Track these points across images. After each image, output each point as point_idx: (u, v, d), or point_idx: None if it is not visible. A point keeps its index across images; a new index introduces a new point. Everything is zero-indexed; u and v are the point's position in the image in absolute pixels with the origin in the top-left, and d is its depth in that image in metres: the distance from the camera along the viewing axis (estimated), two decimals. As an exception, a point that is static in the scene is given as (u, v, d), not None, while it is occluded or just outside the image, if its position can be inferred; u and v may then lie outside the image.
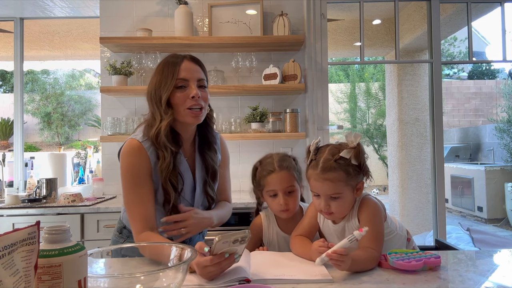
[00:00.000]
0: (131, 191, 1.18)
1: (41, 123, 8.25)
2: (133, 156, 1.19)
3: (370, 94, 9.17)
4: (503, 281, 0.93)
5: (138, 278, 0.72)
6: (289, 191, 1.27)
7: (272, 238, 1.33)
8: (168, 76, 1.19)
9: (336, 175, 1.07)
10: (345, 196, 1.09)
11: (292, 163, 1.31)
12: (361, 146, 1.10)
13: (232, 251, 0.93)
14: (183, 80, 1.19)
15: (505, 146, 6.63)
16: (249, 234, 0.92)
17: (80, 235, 2.23)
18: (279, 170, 1.27)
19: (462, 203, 6.72)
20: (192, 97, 1.19)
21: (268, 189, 1.28)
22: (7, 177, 3.11)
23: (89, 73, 9.46)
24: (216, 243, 0.88)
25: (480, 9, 3.33)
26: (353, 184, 1.09)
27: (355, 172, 1.09)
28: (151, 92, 1.23)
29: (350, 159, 1.07)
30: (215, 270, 0.92)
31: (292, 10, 2.80)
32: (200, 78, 1.23)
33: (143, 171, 1.18)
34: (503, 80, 9.14)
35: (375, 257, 1.04)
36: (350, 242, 0.95)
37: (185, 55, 1.25)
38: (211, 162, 1.32)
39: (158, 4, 2.81)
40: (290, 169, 1.29)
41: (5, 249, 0.54)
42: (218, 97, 2.78)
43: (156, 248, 1.03)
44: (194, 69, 1.23)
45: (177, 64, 1.21)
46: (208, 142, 1.33)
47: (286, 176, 1.27)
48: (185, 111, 1.20)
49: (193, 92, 1.19)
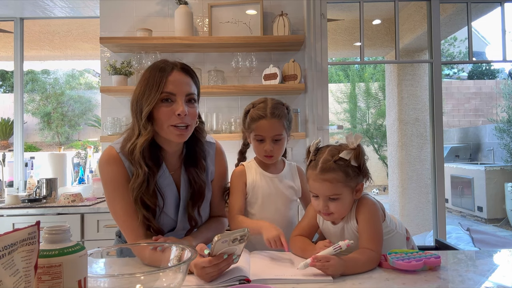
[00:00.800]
0: (116, 202, 1.12)
1: (41, 123, 8.26)
2: (111, 166, 1.13)
3: (370, 94, 9.17)
4: (503, 281, 0.93)
5: (138, 278, 0.72)
6: (276, 139, 1.28)
7: (256, 178, 1.33)
8: (153, 87, 1.08)
9: (335, 176, 1.06)
10: (344, 197, 1.08)
11: (284, 112, 1.30)
12: (361, 148, 1.09)
13: (231, 251, 0.93)
14: (169, 94, 1.08)
15: (505, 146, 6.63)
16: (249, 233, 0.92)
17: (80, 235, 2.23)
18: (270, 117, 1.25)
19: (462, 203, 6.73)
20: (178, 114, 1.08)
21: (257, 133, 1.28)
22: (7, 177, 3.11)
23: (89, 73, 9.45)
24: (215, 242, 0.88)
25: (480, 9, 3.33)
26: (352, 185, 1.09)
27: (355, 173, 1.08)
28: (133, 102, 1.12)
29: (349, 160, 1.07)
30: (214, 271, 0.91)
31: (292, 10, 2.80)
32: (190, 93, 1.12)
33: (123, 180, 1.12)
34: (503, 80, 9.15)
35: (374, 258, 1.03)
36: (335, 251, 0.97)
37: (176, 63, 1.13)
38: (197, 180, 1.21)
39: (158, 4, 2.81)
40: (282, 117, 1.27)
41: (5, 249, 0.54)
42: (218, 97, 2.78)
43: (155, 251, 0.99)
44: (184, 82, 1.12)
45: (165, 74, 1.09)
46: (196, 158, 1.23)
47: (276, 124, 1.26)
48: (169, 128, 1.10)
49: (180, 109, 1.08)
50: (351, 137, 1.09)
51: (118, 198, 1.12)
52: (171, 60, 1.15)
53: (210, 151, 1.30)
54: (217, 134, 2.56)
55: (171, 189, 1.20)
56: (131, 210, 1.12)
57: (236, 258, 0.95)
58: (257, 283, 0.92)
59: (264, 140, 1.28)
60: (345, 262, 0.97)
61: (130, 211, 1.12)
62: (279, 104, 1.31)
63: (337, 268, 0.95)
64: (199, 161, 1.24)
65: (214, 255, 0.90)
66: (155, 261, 1.00)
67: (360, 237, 1.08)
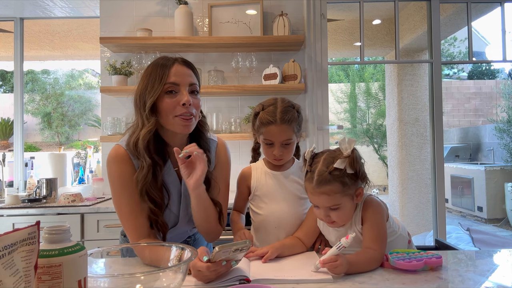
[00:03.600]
0: (123, 200, 1.13)
1: (42, 123, 8.26)
2: (118, 163, 1.13)
3: (370, 94, 9.17)
4: (503, 281, 0.93)
5: (138, 278, 0.72)
6: (286, 144, 1.25)
7: (260, 177, 1.32)
8: (156, 80, 1.09)
9: (332, 188, 1.04)
10: (344, 206, 1.07)
11: (294, 116, 1.24)
12: (356, 153, 1.06)
13: (231, 259, 0.93)
14: (173, 85, 1.10)
15: (505, 146, 6.63)
16: (250, 243, 0.92)
17: (80, 235, 2.23)
18: (280, 123, 1.20)
19: (462, 203, 6.73)
20: (183, 104, 1.09)
21: (266, 137, 1.24)
22: (7, 177, 3.11)
23: (89, 73, 9.46)
24: (215, 253, 0.88)
25: (480, 9, 3.33)
26: (351, 192, 1.06)
27: (352, 181, 1.06)
28: (136, 97, 1.14)
29: (345, 169, 1.04)
30: (211, 275, 0.91)
31: (292, 10, 2.80)
32: (192, 83, 1.14)
33: (130, 177, 1.12)
34: (503, 80, 9.15)
35: (376, 257, 1.03)
36: (338, 249, 0.97)
37: (176, 57, 1.15)
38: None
39: (158, 4, 2.81)
40: (292, 122, 1.22)
41: (5, 249, 0.54)
42: (218, 97, 2.78)
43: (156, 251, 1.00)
44: (186, 73, 1.13)
45: (167, 67, 1.11)
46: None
47: (286, 129, 1.21)
48: (174, 119, 1.10)
49: (184, 98, 1.09)
50: (344, 143, 1.06)
51: (124, 195, 1.12)
52: (170, 55, 1.17)
53: (212, 147, 1.30)
54: (217, 134, 2.54)
55: (176, 185, 1.21)
56: (136, 208, 1.12)
57: (234, 263, 0.95)
58: (257, 283, 0.92)
59: (273, 144, 1.24)
60: (349, 261, 0.97)
61: (135, 209, 1.12)
62: (290, 107, 1.25)
63: (344, 267, 0.95)
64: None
65: (213, 262, 0.90)
66: (155, 261, 1.01)
67: (364, 237, 1.08)
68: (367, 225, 1.08)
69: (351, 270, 0.97)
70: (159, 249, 0.98)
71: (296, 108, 1.27)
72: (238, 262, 0.96)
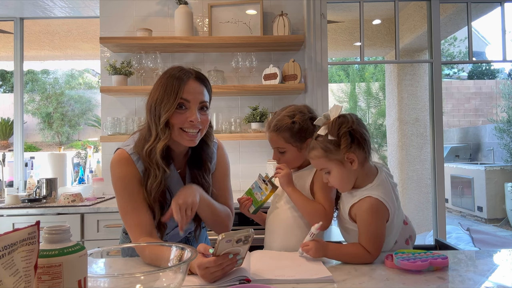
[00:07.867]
0: (125, 199, 1.17)
1: (42, 123, 8.26)
2: (122, 166, 1.17)
3: (370, 94, 9.17)
4: (503, 281, 0.93)
5: (138, 278, 0.72)
6: (280, 151, 1.29)
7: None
8: (172, 95, 1.13)
9: (315, 153, 1.11)
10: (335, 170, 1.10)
11: (288, 125, 1.25)
12: (340, 119, 1.09)
13: (236, 252, 0.92)
14: (185, 101, 1.14)
15: (505, 146, 6.63)
16: (253, 233, 0.92)
17: (80, 235, 2.23)
18: (270, 130, 1.28)
19: (462, 203, 6.73)
20: (190, 121, 1.14)
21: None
22: (7, 177, 3.11)
23: (89, 73, 9.46)
24: (219, 241, 0.88)
25: (480, 9, 3.33)
26: (338, 157, 1.08)
27: (335, 146, 1.08)
28: (151, 105, 1.16)
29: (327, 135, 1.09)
30: (218, 271, 0.91)
31: (292, 10, 2.80)
32: (203, 101, 1.17)
33: (134, 179, 1.17)
34: (503, 80, 9.15)
35: (363, 255, 1.06)
36: (311, 237, 1.10)
37: (191, 71, 1.18)
38: (200, 180, 1.26)
39: (158, 4, 2.81)
40: (281, 131, 1.25)
41: (5, 249, 0.54)
42: (218, 97, 2.78)
43: (156, 250, 1.01)
44: (198, 91, 1.17)
45: (183, 81, 1.14)
46: (201, 160, 1.28)
47: (274, 137, 1.28)
48: (180, 132, 1.15)
49: (193, 116, 1.14)
50: (332, 110, 1.12)
51: (127, 194, 1.16)
52: (186, 68, 1.19)
53: (214, 149, 1.34)
54: (217, 134, 2.56)
55: (179, 187, 1.23)
56: (139, 206, 1.16)
57: (240, 260, 0.95)
58: (257, 283, 0.92)
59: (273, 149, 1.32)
60: (326, 246, 1.08)
61: (137, 207, 1.15)
62: (286, 116, 1.26)
63: (317, 250, 1.06)
64: (204, 163, 1.28)
65: (218, 255, 0.90)
66: (155, 261, 1.02)
67: (358, 235, 1.10)
68: (362, 224, 1.09)
69: (330, 255, 1.08)
70: (159, 249, 0.99)
71: (296, 118, 1.25)
72: (243, 259, 0.96)
